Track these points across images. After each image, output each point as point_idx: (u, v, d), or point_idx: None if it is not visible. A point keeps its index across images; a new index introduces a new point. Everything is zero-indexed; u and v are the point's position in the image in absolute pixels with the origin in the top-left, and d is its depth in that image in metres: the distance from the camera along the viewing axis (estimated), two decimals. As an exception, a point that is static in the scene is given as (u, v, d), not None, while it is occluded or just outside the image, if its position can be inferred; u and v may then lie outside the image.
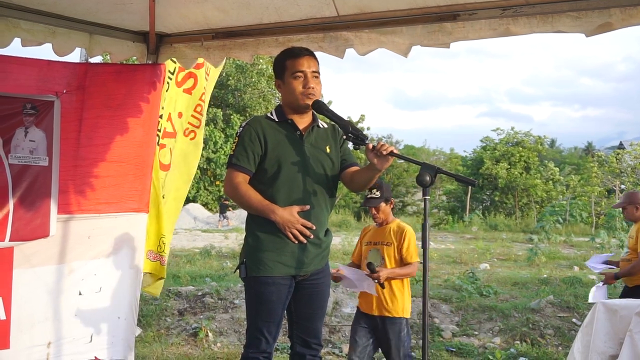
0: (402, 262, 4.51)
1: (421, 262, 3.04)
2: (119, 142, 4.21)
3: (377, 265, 4.43)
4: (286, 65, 3.34)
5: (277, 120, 3.37)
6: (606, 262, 6.16)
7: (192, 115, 5.15)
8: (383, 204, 4.57)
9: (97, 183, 4.16)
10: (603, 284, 5.82)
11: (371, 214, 4.66)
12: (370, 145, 3.08)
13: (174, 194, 5.09)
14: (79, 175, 4.09)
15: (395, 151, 3.06)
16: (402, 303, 4.51)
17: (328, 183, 3.39)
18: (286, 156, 3.28)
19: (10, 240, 3.79)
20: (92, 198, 4.15)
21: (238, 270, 3.38)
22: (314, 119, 3.43)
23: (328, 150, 3.40)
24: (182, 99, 5.03)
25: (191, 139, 5.18)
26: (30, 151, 3.86)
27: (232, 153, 3.34)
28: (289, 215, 3.20)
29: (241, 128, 3.36)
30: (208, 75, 5.20)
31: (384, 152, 3.04)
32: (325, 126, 3.50)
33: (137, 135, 4.29)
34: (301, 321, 3.45)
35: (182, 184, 5.21)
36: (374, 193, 4.52)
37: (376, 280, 4.35)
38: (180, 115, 5.02)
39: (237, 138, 3.34)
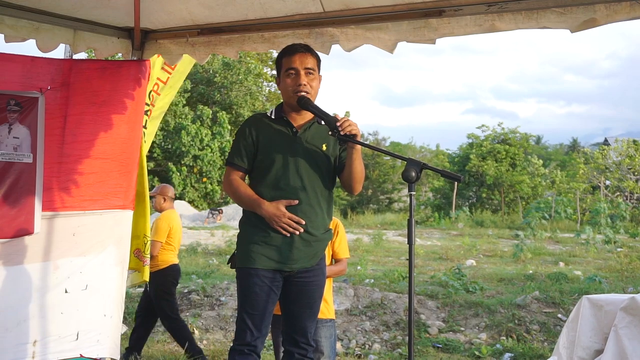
0: (332, 257, 4.24)
1: (407, 259, 3.04)
2: (103, 139, 4.18)
3: None
4: (282, 62, 3.40)
5: (273, 117, 3.42)
6: None
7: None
8: None
9: (81, 180, 4.13)
10: None
11: None
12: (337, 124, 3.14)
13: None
14: (64, 172, 4.07)
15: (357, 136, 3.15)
16: (331, 303, 4.29)
17: (323, 181, 3.39)
18: (276, 153, 3.32)
19: (-6, 238, 3.76)
20: (76, 195, 4.13)
21: (230, 262, 3.49)
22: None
23: (324, 148, 3.39)
24: None
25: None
26: (14, 148, 3.83)
27: (229, 152, 3.47)
28: (274, 209, 3.25)
29: (239, 127, 3.47)
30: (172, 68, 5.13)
31: (342, 133, 3.12)
32: None
33: (122, 132, 4.26)
34: (289, 318, 3.46)
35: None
36: None
37: None
38: None
39: (234, 137, 3.49)
